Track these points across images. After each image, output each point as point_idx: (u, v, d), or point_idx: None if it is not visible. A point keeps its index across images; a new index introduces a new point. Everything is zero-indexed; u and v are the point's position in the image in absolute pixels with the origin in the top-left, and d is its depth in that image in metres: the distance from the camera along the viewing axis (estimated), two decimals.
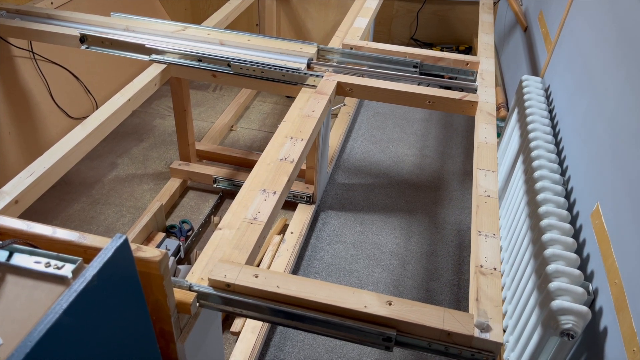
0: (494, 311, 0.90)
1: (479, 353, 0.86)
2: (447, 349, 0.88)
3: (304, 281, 0.94)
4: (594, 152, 1.32)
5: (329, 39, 2.03)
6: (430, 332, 0.87)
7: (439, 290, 1.86)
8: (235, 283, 0.94)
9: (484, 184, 1.21)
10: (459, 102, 1.54)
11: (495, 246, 1.04)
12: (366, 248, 2.00)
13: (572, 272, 1.12)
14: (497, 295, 0.94)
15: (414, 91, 1.55)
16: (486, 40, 1.96)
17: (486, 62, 1.77)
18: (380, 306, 0.90)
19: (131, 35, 1.75)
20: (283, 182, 1.19)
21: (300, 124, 1.39)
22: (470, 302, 0.95)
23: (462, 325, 0.87)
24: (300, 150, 1.30)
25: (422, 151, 2.58)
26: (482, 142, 1.35)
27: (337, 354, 1.63)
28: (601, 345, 1.06)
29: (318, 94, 1.53)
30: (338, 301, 0.91)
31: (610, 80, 1.31)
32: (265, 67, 1.62)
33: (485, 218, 1.11)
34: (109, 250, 0.58)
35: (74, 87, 2.41)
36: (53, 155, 1.31)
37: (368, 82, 1.59)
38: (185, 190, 2.24)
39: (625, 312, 0.98)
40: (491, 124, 1.42)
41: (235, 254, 1.02)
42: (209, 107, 2.83)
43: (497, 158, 1.53)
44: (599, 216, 1.19)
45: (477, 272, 0.98)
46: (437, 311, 0.89)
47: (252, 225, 1.08)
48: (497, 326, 0.87)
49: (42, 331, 0.48)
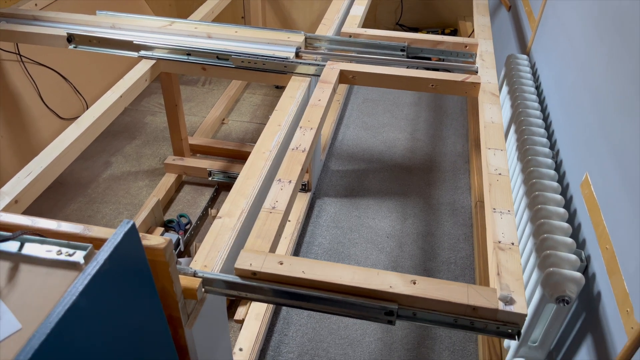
0: (516, 284, 0.92)
1: (503, 325, 0.88)
2: (472, 324, 0.89)
3: (328, 265, 0.96)
4: (581, 124, 1.35)
5: (316, 28, 2.04)
6: (456, 308, 0.89)
7: (437, 269, 1.89)
8: (261, 271, 0.95)
9: (495, 163, 1.22)
10: (462, 84, 1.55)
11: (511, 222, 1.06)
12: (363, 232, 2.03)
13: (565, 240, 1.15)
14: (518, 269, 0.95)
15: (417, 75, 1.56)
16: (482, 22, 1.97)
17: (484, 43, 1.78)
18: (405, 285, 0.91)
19: (118, 33, 1.75)
20: (297, 171, 1.21)
21: (308, 114, 1.41)
22: (491, 277, 0.96)
23: (487, 299, 0.89)
24: (310, 139, 1.31)
25: (413, 135, 2.60)
26: (488, 122, 1.36)
27: (340, 336, 1.66)
28: (596, 308, 1.10)
29: (322, 82, 1.54)
30: (364, 283, 0.92)
31: (594, 54, 1.34)
32: (255, 58, 1.64)
33: (498, 195, 1.13)
34: (118, 235, 0.60)
35: (63, 88, 2.41)
36: (49, 154, 1.32)
37: (371, 68, 1.60)
38: (180, 185, 2.25)
39: (617, 275, 1.02)
40: (495, 104, 1.43)
41: (259, 242, 1.04)
42: (199, 101, 2.83)
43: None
44: (588, 185, 1.22)
45: (495, 248, 1.00)
46: (461, 287, 0.91)
47: (272, 214, 1.10)
48: (520, 298, 0.89)
49: (60, 313, 0.50)
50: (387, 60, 1.68)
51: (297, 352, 1.61)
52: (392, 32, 1.81)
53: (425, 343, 1.65)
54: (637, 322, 0.92)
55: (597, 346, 1.08)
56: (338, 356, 1.60)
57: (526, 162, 1.39)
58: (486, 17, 2.02)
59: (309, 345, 1.63)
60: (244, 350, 1.54)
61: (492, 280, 0.95)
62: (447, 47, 1.77)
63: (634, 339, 0.92)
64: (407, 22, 3.47)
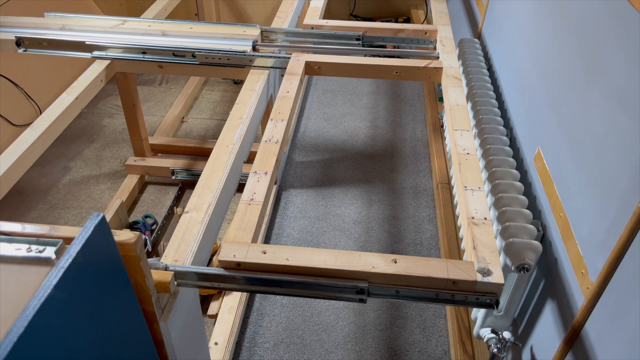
0: (492, 256, 0.96)
1: (482, 296, 0.92)
2: (453, 297, 0.93)
3: (311, 251, 0.98)
4: (531, 101, 1.41)
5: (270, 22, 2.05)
6: (437, 283, 0.92)
7: (404, 251, 1.94)
8: (245, 261, 0.96)
9: (462, 143, 1.26)
10: (425, 69, 1.59)
11: (482, 198, 1.10)
12: (331, 220, 2.06)
13: (522, 212, 1.21)
14: (492, 242, 0.99)
15: (381, 63, 1.59)
16: (440, 9, 2.02)
17: (443, 29, 1.83)
18: (387, 265, 0.94)
19: (69, 34, 1.72)
20: (272, 162, 1.23)
21: (277, 106, 1.42)
22: (467, 251, 1.00)
23: (465, 272, 0.92)
24: (282, 130, 1.33)
25: (374, 122, 2.65)
26: (453, 104, 1.41)
27: (314, 322, 1.68)
28: (554, 272, 1.16)
29: (289, 74, 1.55)
30: (347, 265, 0.94)
31: (539, 33, 1.40)
32: (211, 53, 1.63)
33: (468, 174, 1.17)
34: (89, 228, 0.60)
35: (13, 94, 2.34)
36: (5, 161, 1.29)
37: (335, 59, 1.61)
38: (144, 186, 2.23)
39: (571, 240, 1.08)
40: (459, 87, 1.47)
41: (240, 234, 1.04)
42: (157, 101, 2.80)
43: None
44: (541, 159, 1.28)
45: (469, 224, 1.04)
46: (440, 262, 0.94)
47: (251, 205, 1.11)
48: (497, 269, 0.93)
49: (36, 306, 0.51)
50: (349, 50, 1.71)
51: (273, 342, 1.63)
52: (354, 22, 1.84)
53: (397, 322, 1.70)
54: (592, 282, 0.98)
55: (557, 309, 1.14)
56: (313, 342, 1.63)
57: (483, 140, 1.45)
58: (443, 4, 2.07)
59: (284, 334, 1.65)
60: (220, 343, 1.54)
61: (469, 253, 0.99)
62: (408, 35, 1.82)
63: (590, 298, 0.98)
64: (361, 12, 3.51)
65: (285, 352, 1.60)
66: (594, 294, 0.97)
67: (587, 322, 1.01)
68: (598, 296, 0.97)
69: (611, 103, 0.97)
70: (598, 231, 0.98)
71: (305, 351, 1.60)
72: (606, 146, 0.98)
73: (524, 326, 1.31)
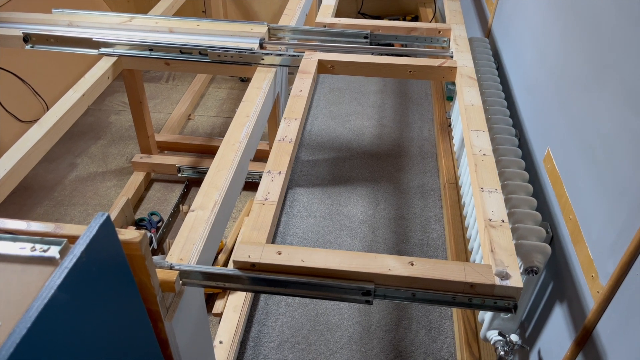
0: (510, 259, 0.94)
1: (500, 300, 0.90)
2: (470, 300, 0.91)
3: (326, 253, 0.97)
4: (541, 102, 1.39)
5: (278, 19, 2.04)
6: (454, 286, 0.91)
7: (410, 251, 1.93)
8: (260, 262, 0.95)
9: (478, 144, 1.24)
10: (439, 69, 1.57)
11: (500, 200, 1.07)
12: (336, 219, 2.05)
13: (531, 213, 1.19)
14: (510, 244, 0.97)
15: (395, 62, 1.57)
16: (453, 8, 1.99)
17: (457, 28, 1.80)
18: (404, 267, 0.92)
19: (77, 30, 1.72)
20: (286, 162, 1.21)
21: (290, 105, 1.40)
22: (485, 254, 0.98)
23: (483, 275, 0.91)
24: (296, 129, 1.31)
25: (381, 121, 2.63)
26: (468, 104, 1.38)
27: (319, 322, 1.68)
28: (563, 276, 1.15)
29: (302, 73, 1.53)
30: (363, 267, 0.93)
31: (549, 32, 1.38)
32: (219, 50, 1.63)
33: (485, 175, 1.15)
34: (94, 228, 0.59)
35: (21, 90, 2.34)
36: (12, 157, 1.29)
37: (348, 57, 1.59)
38: (150, 183, 2.22)
39: (581, 243, 1.06)
40: (474, 87, 1.44)
41: (255, 234, 1.03)
42: (164, 98, 2.80)
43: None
44: (551, 160, 1.27)
45: (486, 227, 1.01)
46: (457, 266, 0.92)
47: (265, 205, 1.10)
48: (515, 272, 0.91)
49: (39, 307, 0.50)
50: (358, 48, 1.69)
51: (278, 341, 1.62)
52: (366, 21, 1.83)
53: (402, 323, 1.69)
54: (602, 286, 0.96)
55: (565, 312, 1.12)
56: (318, 342, 1.62)
57: (492, 139, 1.43)
58: (457, 2, 2.04)
59: (289, 333, 1.65)
60: (224, 342, 1.54)
61: (486, 256, 0.97)
62: (422, 33, 1.79)
63: (600, 302, 0.97)
64: (368, 10, 3.49)
65: (290, 351, 1.60)
66: (605, 297, 0.95)
67: (599, 323, 0.99)
68: (608, 300, 0.95)
69: (622, 104, 0.95)
70: (609, 234, 0.96)
71: (310, 351, 1.60)
72: (617, 148, 0.96)
73: (531, 329, 1.30)
